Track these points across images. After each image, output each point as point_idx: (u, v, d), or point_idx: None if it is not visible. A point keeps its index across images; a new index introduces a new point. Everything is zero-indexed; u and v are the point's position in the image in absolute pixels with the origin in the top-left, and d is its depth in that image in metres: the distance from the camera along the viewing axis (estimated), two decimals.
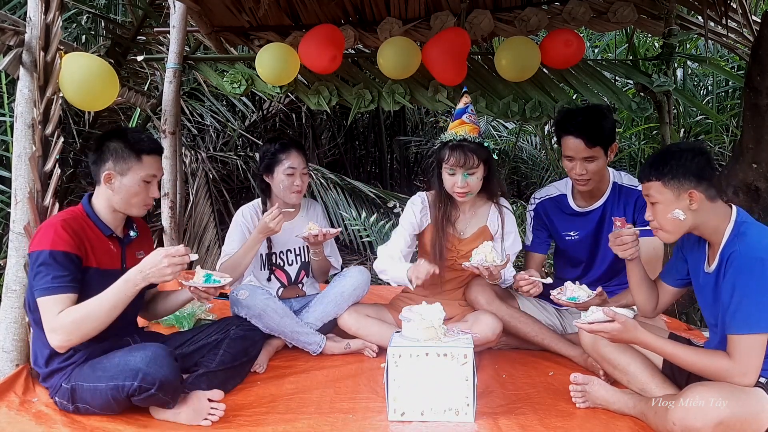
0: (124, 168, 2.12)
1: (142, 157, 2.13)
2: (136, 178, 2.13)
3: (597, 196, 2.68)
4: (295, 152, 2.78)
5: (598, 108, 2.63)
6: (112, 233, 2.17)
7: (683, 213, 1.93)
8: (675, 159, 1.94)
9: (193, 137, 6.46)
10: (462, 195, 2.56)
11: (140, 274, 1.97)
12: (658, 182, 1.96)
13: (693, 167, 1.92)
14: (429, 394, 2.04)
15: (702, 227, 1.96)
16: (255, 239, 2.65)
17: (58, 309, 1.94)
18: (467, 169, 2.51)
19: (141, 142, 2.14)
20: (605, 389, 2.14)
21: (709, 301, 2.00)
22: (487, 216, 2.72)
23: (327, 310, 2.73)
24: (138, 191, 2.14)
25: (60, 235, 1.98)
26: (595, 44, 6.77)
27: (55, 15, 2.45)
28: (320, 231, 2.66)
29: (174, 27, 4.05)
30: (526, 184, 7.10)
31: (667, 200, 1.95)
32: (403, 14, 4.05)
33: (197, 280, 2.14)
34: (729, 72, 5.47)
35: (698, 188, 1.91)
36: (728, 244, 1.90)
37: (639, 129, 5.67)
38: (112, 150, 2.12)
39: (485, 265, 2.35)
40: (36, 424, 1.96)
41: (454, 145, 2.53)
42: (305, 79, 4.12)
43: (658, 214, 1.99)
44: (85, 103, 3.05)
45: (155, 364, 1.91)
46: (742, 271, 1.82)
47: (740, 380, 1.79)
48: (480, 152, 2.52)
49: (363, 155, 8.15)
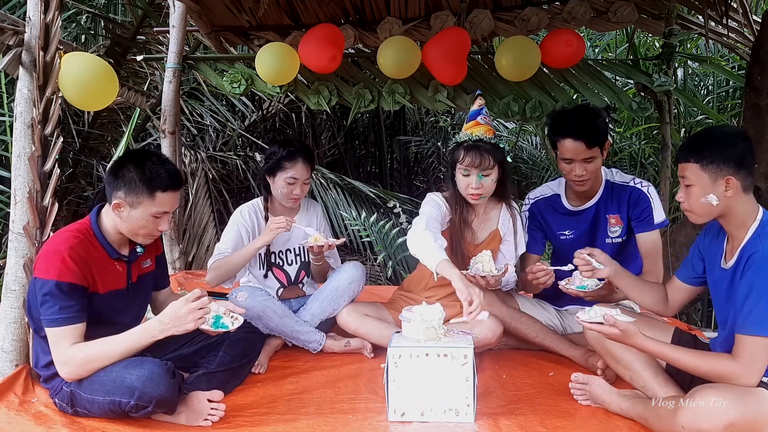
0: (135, 201, 2.03)
1: (156, 195, 2.03)
2: (145, 213, 2.04)
3: (590, 195, 2.68)
4: (302, 162, 2.74)
5: (589, 108, 2.63)
6: (119, 256, 2.13)
7: (717, 198, 1.87)
8: (716, 142, 1.86)
9: (192, 137, 6.46)
10: (476, 197, 2.52)
11: (160, 325, 1.94)
12: (696, 164, 1.87)
13: (735, 153, 1.85)
14: (429, 394, 2.03)
15: (730, 217, 1.91)
16: (257, 246, 2.66)
17: (69, 342, 1.93)
18: (482, 170, 2.48)
19: (158, 178, 2.02)
20: (603, 390, 2.13)
21: (723, 297, 1.97)
22: (498, 219, 2.70)
23: (324, 306, 2.72)
24: (145, 225, 2.06)
25: (68, 266, 1.94)
26: (596, 44, 6.76)
27: (54, 15, 2.45)
28: (326, 243, 2.65)
29: (173, 27, 4.04)
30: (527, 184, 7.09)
31: (703, 184, 1.87)
32: (403, 14, 4.05)
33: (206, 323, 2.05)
34: (729, 72, 5.46)
35: (736, 176, 1.85)
36: (750, 243, 1.86)
37: (639, 129, 5.67)
38: (128, 180, 2.02)
39: (482, 275, 2.34)
40: (35, 424, 1.95)
41: (470, 145, 2.50)
42: (305, 79, 4.12)
43: (691, 197, 1.92)
44: (85, 103, 3.05)
45: (151, 383, 1.88)
46: (763, 272, 1.79)
47: (745, 381, 1.78)
48: (496, 153, 2.50)
49: (363, 155, 8.15)
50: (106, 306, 2.08)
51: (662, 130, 4.06)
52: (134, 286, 2.20)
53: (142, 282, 2.25)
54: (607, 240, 2.66)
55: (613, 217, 2.64)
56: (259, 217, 2.85)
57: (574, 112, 2.54)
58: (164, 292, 2.43)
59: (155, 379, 1.89)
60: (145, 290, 2.30)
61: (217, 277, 2.70)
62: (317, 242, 2.65)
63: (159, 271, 2.36)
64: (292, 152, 2.73)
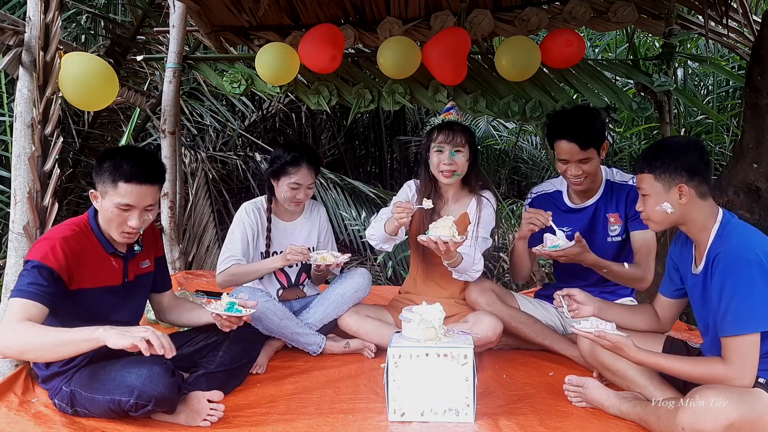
0: (103, 191, 2.04)
1: (118, 185, 2.01)
2: (110, 204, 2.02)
3: (590, 194, 2.70)
4: (306, 168, 2.74)
5: (586, 109, 2.66)
6: (115, 251, 2.13)
7: (671, 206, 1.94)
8: (668, 153, 1.95)
9: (192, 137, 6.46)
10: (448, 174, 2.64)
11: (105, 332, 1.77)
12: (650, 174, 1.97)
13: (685, 162, 1.92)
14: (429, 394, 2.03)
15: (689, 224, 1.96)
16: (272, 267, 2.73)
17: (22, 316, 1.85)
18: (454, 146, 2.62)
19: (120, 169, 2.01)
20: (599, 392, 2.13)
21: (699, 303, 2.00)
22: (468, 206, 2.76)
23: (328, 312, 2.73)
24: (112, 217, 2.04)
25: (55, 253, 1.94)
26: (596, 44, 6.76)
27: (54, 15, 2.45)
28: (334, 262, 2.67)
29: (173, 27, 4.04)
30: (527, 184, 7.09)
31: (657, 193, 1.96)
32: (403, 14, 4.05)
33: (220, 306, 2.12)
34: (729, 72, 5.46)
35: (689, 183, 1.92)
36: (714, 245, 1.90)
37: (639, 129, 5.67)
38: (103, 169, 2.04)
39: (443, 239, 2.31)
40: (35, 424, 1.95)
41: (443, 125, 2.69)
42: (305, 79, 4.12)
43: (647, 206, 2.01)
44: (85, 103, 3.05)
45: (151, 382, 1.88)
46: (729, 272, 1.82)
47: (739, 382, 1.79)
48: (467, 134, 2.67)
49: (363, 155, 8.15)
50: (97, 301, 2.06)
51: (662, 130, 4.06)
52: (130, 285, 2.19)
53: (139, 281, 2.24)
54: (607, 239, 2.67)
55: (613, 215, 2.65)
56: (263, 216, 2.85)
57: (571, 114, 2.57)
58: (167, 295, 2.42)
59: (155, 378, 1.89)
60: (142, 290, 2.29)
61: (229, 283, 2.74)
62: (325, 261, 2.67)
63: (158, 274, 2.36)
64: (297, 158, 2.73)
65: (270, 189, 2.86)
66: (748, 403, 1.73)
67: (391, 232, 2.60)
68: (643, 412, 1.98)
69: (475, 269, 2.61)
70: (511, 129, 7.21)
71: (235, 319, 2.14)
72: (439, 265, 2.68)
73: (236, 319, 2.15)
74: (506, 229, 5.19)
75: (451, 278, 2.74)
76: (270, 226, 2.84)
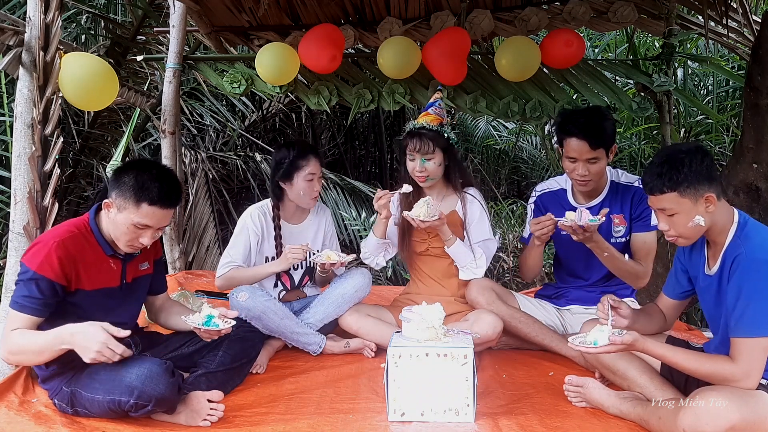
0: (122, 205, 2.02)
1: (141, 205, 2.00)
2: (127, 220, 2.01)
3: (595, 195, 2.69)
4: (314, 158, 2.78)
5: (599, 109, 2.64)
6: (114, 253, 2.13)
7: (703, 218, 1.87)
8: (685, 165, 1.86)
9: (192, 137, 6.46)
10: (422, 179, 2.70)
11: (70, 337, 1.88)
12: (674, 193, 1.85)
13: (704, 170, 1.85)
14: (429, 394, 2.03)
15: (713, 228, 1.92)
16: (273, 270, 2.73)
17: (16, 326, 1.95)
18: (423, 154, 2.66)
19: (147, 191, 2.00)
20: (599, 392, 2.12)
21: (711, 303, 1.98)
22: (456, 204, 2.79)
23: (328, 312, 2.73)
24: (126, 232, 2.04)
25: (50, 261, 1.95)
26: (596, 44, 6.77)
27: (54, 15, 2.45)
28: (339, 261, 2.68)
29: (173, 27, 4.04)
30: (526, 184, 7.11)
31: (686, 209, 1.86)
32: (403, 14, 4.05)
33: (198, 320, 2.10)
34: (729, 72, 5.47)
35: (712, 189, 1.86)
36: (731, 246, 1.87)
37: (639, 129, 5.67)
38: (123, 183, 2.02)
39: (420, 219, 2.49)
40: (36, 424, 1.95)
41: (413, 132, 2.71)
42: (305, 79, 4.12)
43: (677, 225, 1.90)
44: (85, 103, 3.05)
45: (151, 381, 1.88)
46: (749, 273, 1.79)
47: (744, 383, 1.78)
48: (437, 140, 2.67)
49: (363, 155, 8.15)
50: (96, 303, 2.06)
51: (662, 130, 4.06)
52: (128, 286, 2.19)
53: (137, 283, 2.24)
54: (611, 240, 2.66)
55: (617, 217, 2.64)
56: (268, 220, 2.84)
57: (584, 113, 2.57)
58: (161, 297, 2.43)
59: (155, 378, 1.90)
60: (140, 292, 2.29)
61: (228, 286, 2.75)
62: (329, 260, 2.67)
63: (156, 276, 2.36)
64: (303, 150, 2.77)
65: (276, 195, 2.84)
66: (749, 404, 1.72)
67: (380, 235, 2.73)
68: (644, 413, 1.97)
69: (477, 266, 2.69)
70: (511, 129, 7.22)
71: (214, 331, 2.12)
72: (435, 261, 2.72)
73: (215, 332, 2.12)
74: (506, 229, 5.20)
75: (451, 277, 2.75)
76: (280, 233, 2.84)
